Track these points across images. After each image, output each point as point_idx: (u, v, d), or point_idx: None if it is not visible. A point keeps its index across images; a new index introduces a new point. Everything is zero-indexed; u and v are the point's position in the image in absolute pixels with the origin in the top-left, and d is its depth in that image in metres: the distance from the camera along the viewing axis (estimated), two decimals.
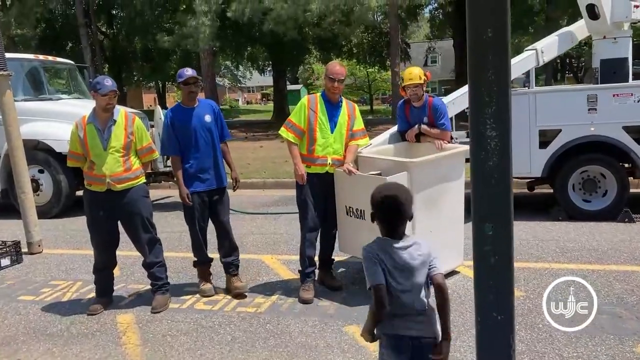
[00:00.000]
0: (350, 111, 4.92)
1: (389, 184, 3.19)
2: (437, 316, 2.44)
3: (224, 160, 5.00)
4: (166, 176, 9.37)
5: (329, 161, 4.78)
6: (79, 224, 7.58)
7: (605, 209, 6.91)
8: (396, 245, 2.41)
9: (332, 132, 4.81)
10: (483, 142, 1.54)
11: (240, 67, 41.08)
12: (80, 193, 8.66)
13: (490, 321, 1.62)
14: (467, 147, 5.46)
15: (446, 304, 2.39)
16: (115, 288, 5.01)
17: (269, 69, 37.63)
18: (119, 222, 4.77)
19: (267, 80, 53.58)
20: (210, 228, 5.03)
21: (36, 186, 8.61)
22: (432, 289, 2.46)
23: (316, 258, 5.03)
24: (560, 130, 6.84)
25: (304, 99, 4.94)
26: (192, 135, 4.78)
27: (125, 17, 28.98)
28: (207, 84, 23.08)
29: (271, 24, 19.14)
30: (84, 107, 8.71)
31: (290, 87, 44.17)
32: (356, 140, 4.95)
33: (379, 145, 5.66)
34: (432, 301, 2.45)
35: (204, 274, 5.11)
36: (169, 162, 9.07)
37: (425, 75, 5.46)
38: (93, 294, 4.96)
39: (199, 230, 4.93)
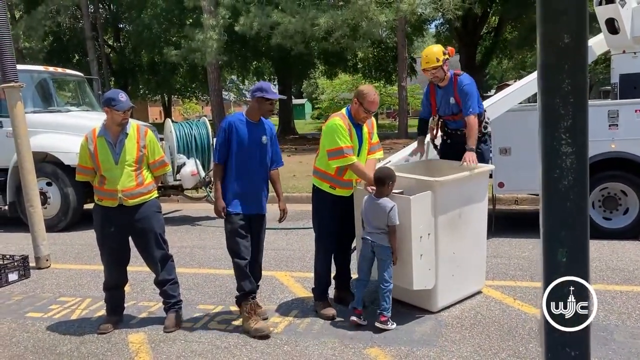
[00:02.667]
0: (369, 127, 4.76)
1: (381, 167, 4.53)
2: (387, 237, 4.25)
3: (267, 188, 4.64)
4: (176, 190, 9.24)
5: (354, 184, 4.63)
6: (87, 238, 7.44)
7: (626, 227, 6.73)
8: (376, 201, 4.28)
9: (358, 154, 4.62)
10: (557, 160, 1.38)
11: (246, 81, 41.16)
12: (87, 206, 8.54)
13: (563, 358, 1.46)
14: (492, 166, 5.31)
15: (393, 237, 4.26)
16: (125, 305, 4.84)
17: (274, 82, 37.67)
18: (129, 238, 4.63)
19: None
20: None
21: (44, 199, 8.47)
22: None
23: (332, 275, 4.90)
24: None
25: (340, 121, 4.56)
26: (248, 152, 4.44)
27: (133, 31, 29.05)
28: (214, 98, 23.01)
29: (279, 38, 19.09)
30: (93, 119, 8.63)
31: (294, 101, 44.16)
32: (373, 153, 4.78)
33: (398, 163, 5.51)
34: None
35: (252, 310, 4.45)
36: (178, 176, 8.97)
37: (445, 53, 5.27)
38: (103, 312, 4.80)
39: (242, 253, 4.41)
